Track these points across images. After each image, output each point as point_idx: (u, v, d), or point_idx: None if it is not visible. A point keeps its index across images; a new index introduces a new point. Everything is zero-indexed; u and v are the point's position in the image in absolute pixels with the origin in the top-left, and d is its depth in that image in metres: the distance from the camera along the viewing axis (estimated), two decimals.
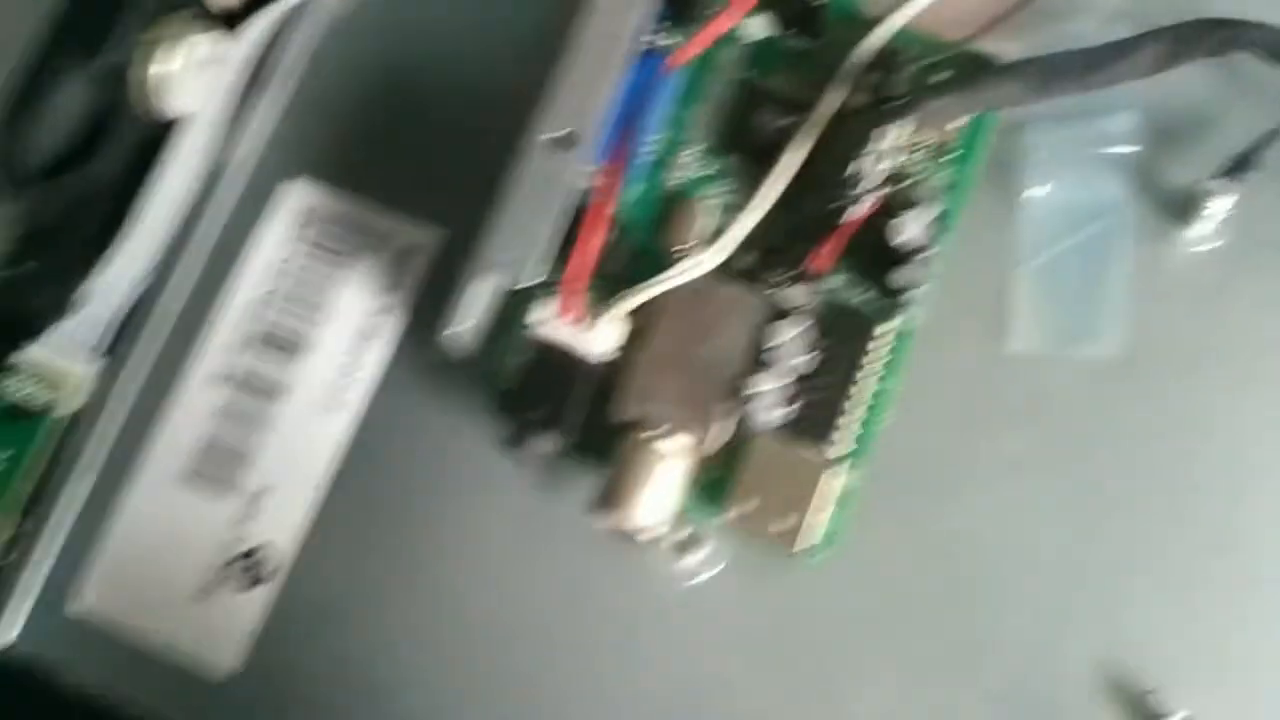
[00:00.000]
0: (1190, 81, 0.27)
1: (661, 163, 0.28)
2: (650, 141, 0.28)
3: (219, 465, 0.28)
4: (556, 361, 0.26)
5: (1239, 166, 0.27)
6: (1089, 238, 0.28)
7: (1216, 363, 0.27)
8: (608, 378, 0.26)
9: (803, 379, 0.26)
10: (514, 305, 0.27)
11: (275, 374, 0.29)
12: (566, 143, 0.26)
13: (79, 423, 0.29)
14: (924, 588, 0.26)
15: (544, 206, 0.25)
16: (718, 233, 0.26)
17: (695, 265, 0.26)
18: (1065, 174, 0.28)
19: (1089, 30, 0.28)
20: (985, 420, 0.27)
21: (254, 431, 0.28)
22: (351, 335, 0.29)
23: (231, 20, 0.30)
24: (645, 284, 0.26)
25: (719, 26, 0.28)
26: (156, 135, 0.30)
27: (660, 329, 0.26)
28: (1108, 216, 0.28)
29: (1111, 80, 0.26)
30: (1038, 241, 0.28)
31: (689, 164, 0.28)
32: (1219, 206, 0.27)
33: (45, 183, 0.28)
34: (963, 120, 0.28)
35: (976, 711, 0.26)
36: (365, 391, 0.28)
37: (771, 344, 0.26)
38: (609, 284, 0.27)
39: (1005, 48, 0.28)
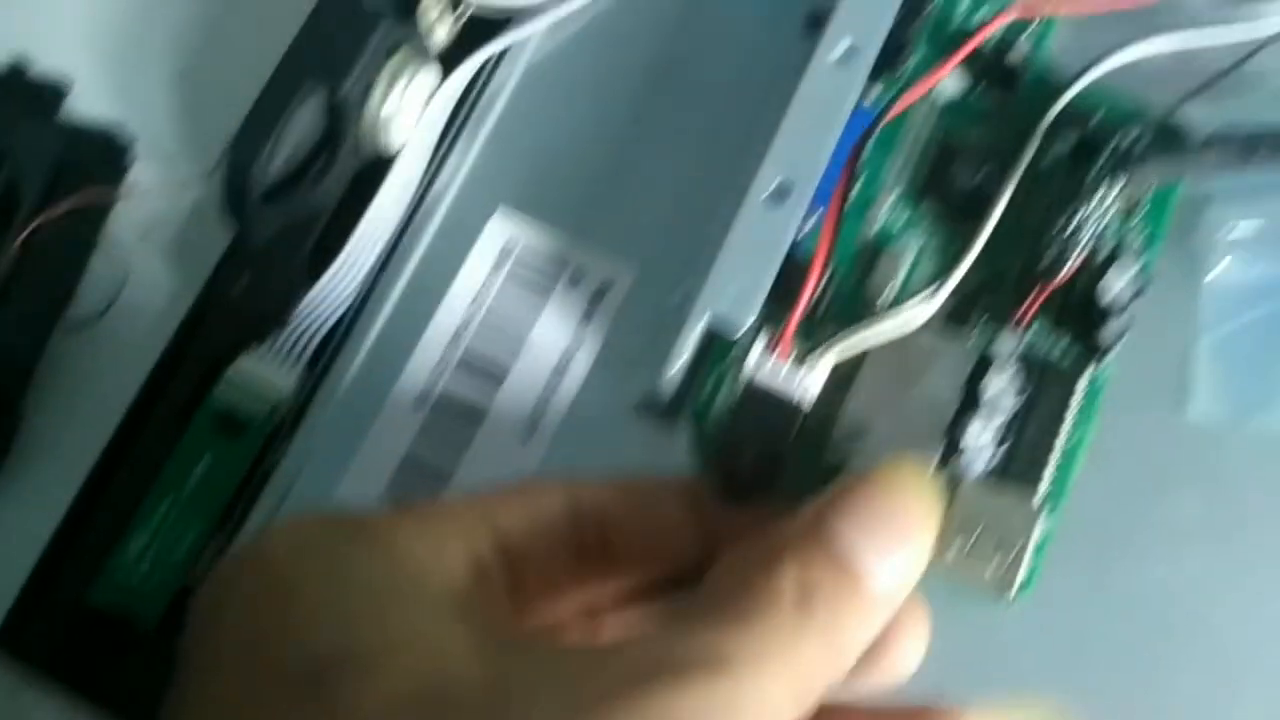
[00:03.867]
0: None
1: (863, 212, 0.29)
2: (857, 192, 0.29)
3: (418, 485, 0.29)
4: (766, 405, 0.27)
5: None
6: (1271, 313, 0.29)
7: None
8: (816, 421, 0.27)
9: (1008, 425, 0.27)
10: (720, 348, 0.28)
11: (474, 399, 0.30)
12: (784, 194, 0.27)
13: (282, 436, 0.30)
14: (1100, 641, 0.27)
15: (762, 257, 0.26)
16: (926, 283, 0.27)
17: (909, 317, 0.27)
18: (1248, 249, 0.29)
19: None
20: (1162, 484, 0.28)
21: (452, 454, 0.29)
22: (548, 367, 0.30)
23: (445, 59, 0.32)
24: (858, 329, 0.27)
25: (929, 82, 0.29)
26: (373, 164, 0.31)
27: (866, 374, 0.27)
28: None
29: None
30: (1221, 313, 0.29)
31: (888, 214, 0.29)
32: None
33: (269, 204, 0.29)
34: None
35: None
36: (558, 423, 0.29)
37: (982, 392, 0.27)
38: (811, 328, 0.28)
39: (1195, 113, 0.29)
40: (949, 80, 0.30)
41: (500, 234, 0.31)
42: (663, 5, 0.33)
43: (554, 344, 0.30)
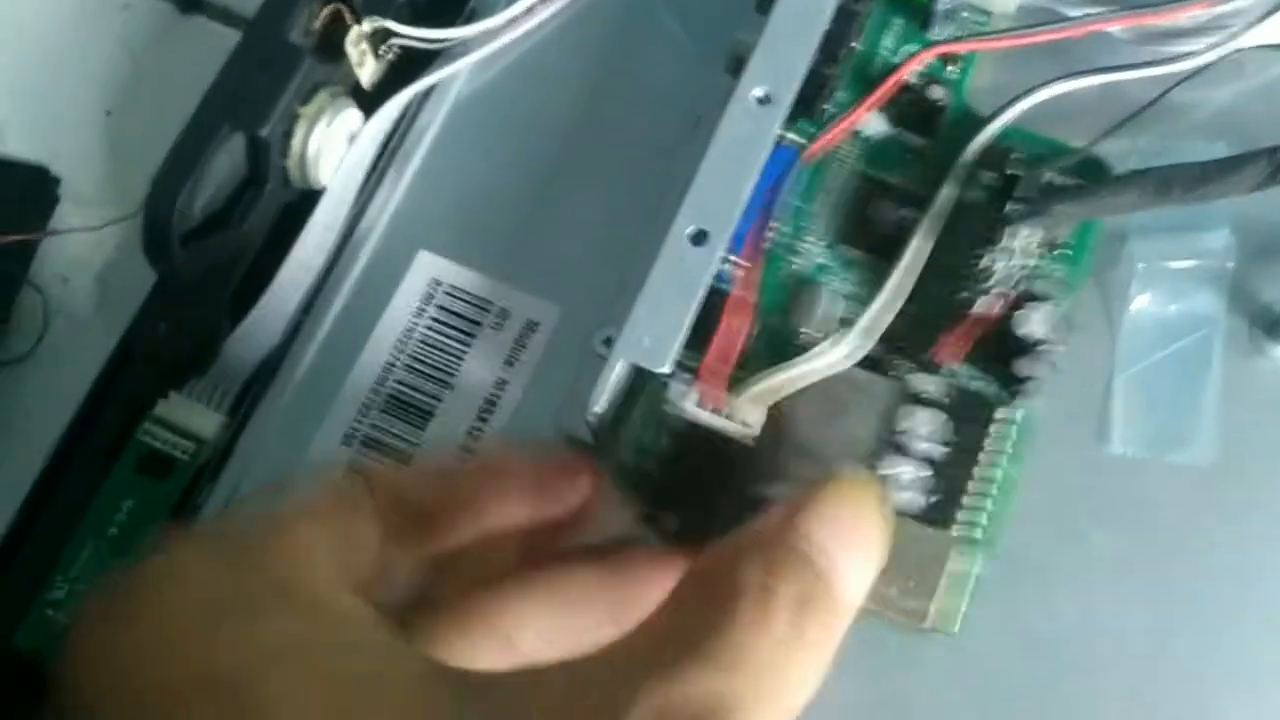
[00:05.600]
0: None
1: (787, 250, 0.30)
2: (778, 230, 0.29)
3: None
4: (694, 442, 0.27)
5: None
6: (1184, 349, 0.29)
7: None
8: (742, 458, 0.27)
9: (931, 463, 0.27)
10: (649, 387, 0.28)
11: (401, 439, 0.30)
12: (702, 236, 0.27)
13: (207, 477, 0.30)
14: (1021, 676, 0.27)
15: (683, 297, 0.27)
16: (849, 322, 0.28)
17: (829, 357, 0.27)
18: (1164, 285, 0.30)
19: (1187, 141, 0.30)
20: (1083, 518, 0.28)
21: None
22: (475, 405, 0.30)
23: (370, 97, 0.32)
24: (783, 369, 0.27)
25: (848, 123, 0.30)
26: (296, 203, 0.31)
27: (792, 412, 0.27)
28: (1203, 329, 0.29)
29: (1221, 193, 0.28)
30: (1136, 349, 0.29)
31: (812, 252, 0.29)
32: None
33: (191, 246, 0.29)
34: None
35: None
36: None
37: (902, 429, 0.27)
38: (739, 366, 0.28)
39: (1114, 148, 0.29)
40: (873, 121, 0.30)
41: (426, 273, 0.31)
42: (588, 44, 0.33)
43: (481, 382, 0.30)
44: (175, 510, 0.29)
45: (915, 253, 0.28)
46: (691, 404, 0.27)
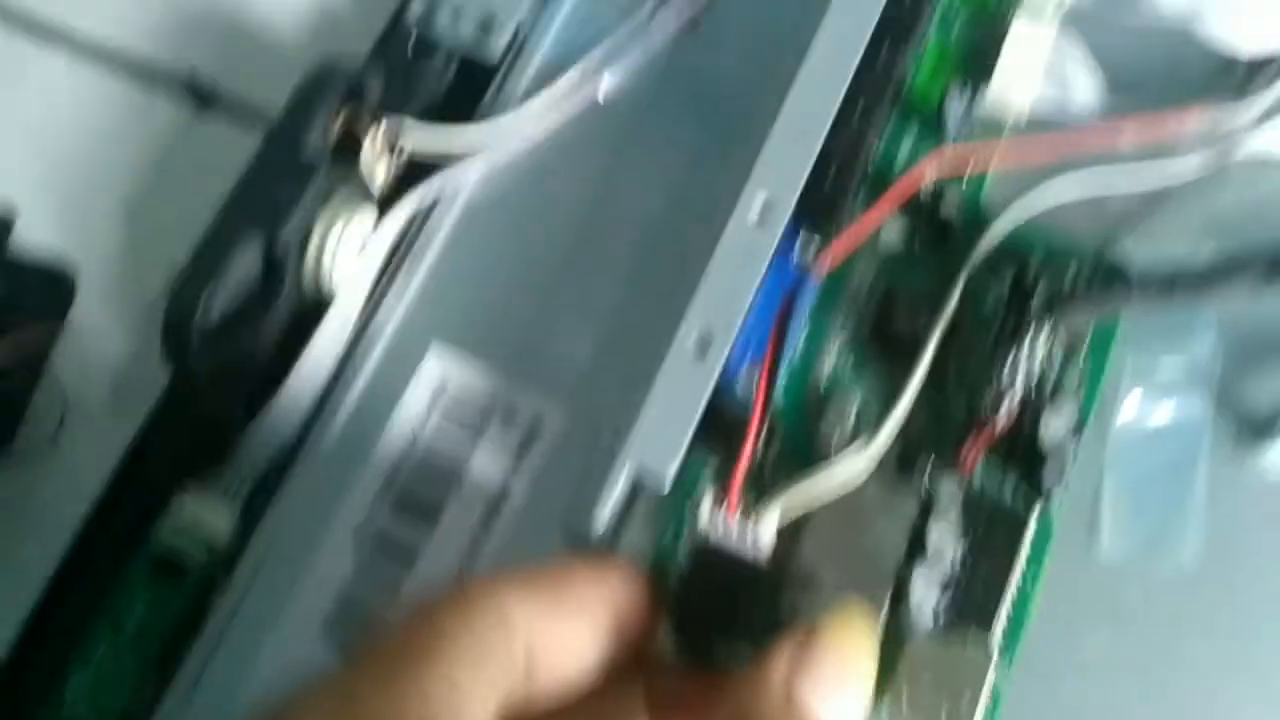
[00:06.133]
0: (1273, 306, 0.30)
1: (810, 360, 0.30)
2: (796, 341, 0.30)
3: (354, 623, 0.30)
4: (718, 560, 0.27)
5: None
6: (1171, 454, 0.30)
7: None
8: (767, 574, 0.27)
9: (956, 575, 0.27)
10: (671, 503, 0.28)
11: (409, 538, 0.30)
12: (704, 348, 0.28)
13: (220, 575, 0.30)
14: None
15: (684, 411, 0.27)
16: (867, 431, 0.28)
17: (848, 468, 0.27)
18: (1153, 389, 0.30)
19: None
20: (1073, 621, 0.29)
21: (388, 593, 0.30)
22: (482, 505, 0.31)
23: (385, 196, 0.33)
24: (800, 484, 0.27)
25: (862, 232, 0.30)
26: (312, 303, 0.32)
27: (814, 524, 0.27)
28: (1189, 435, 0.30)
29: (1223, 296, 0.29)
30: (1125, 453, 0.30)
31: (834, 362, 0.30)
32: None
33: (209, 347, 0.30)
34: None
35: None
36: (492, 563, 0.30)
37: (928, 539, 0.27)
38: (760, 479, 0.28)
39: (1129, 247, 0.30)
40: (889, 229, 0.31)
41: (435, 372, 0.32)
42: (595, 145, 0.34)
43: (488, 481, 0.31)
44: (188, 609, 0.30)
45: (926, 357, 0.29)
46: (713, 521, 0.27)
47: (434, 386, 0.32)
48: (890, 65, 0.32)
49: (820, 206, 0.30)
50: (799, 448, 0.29)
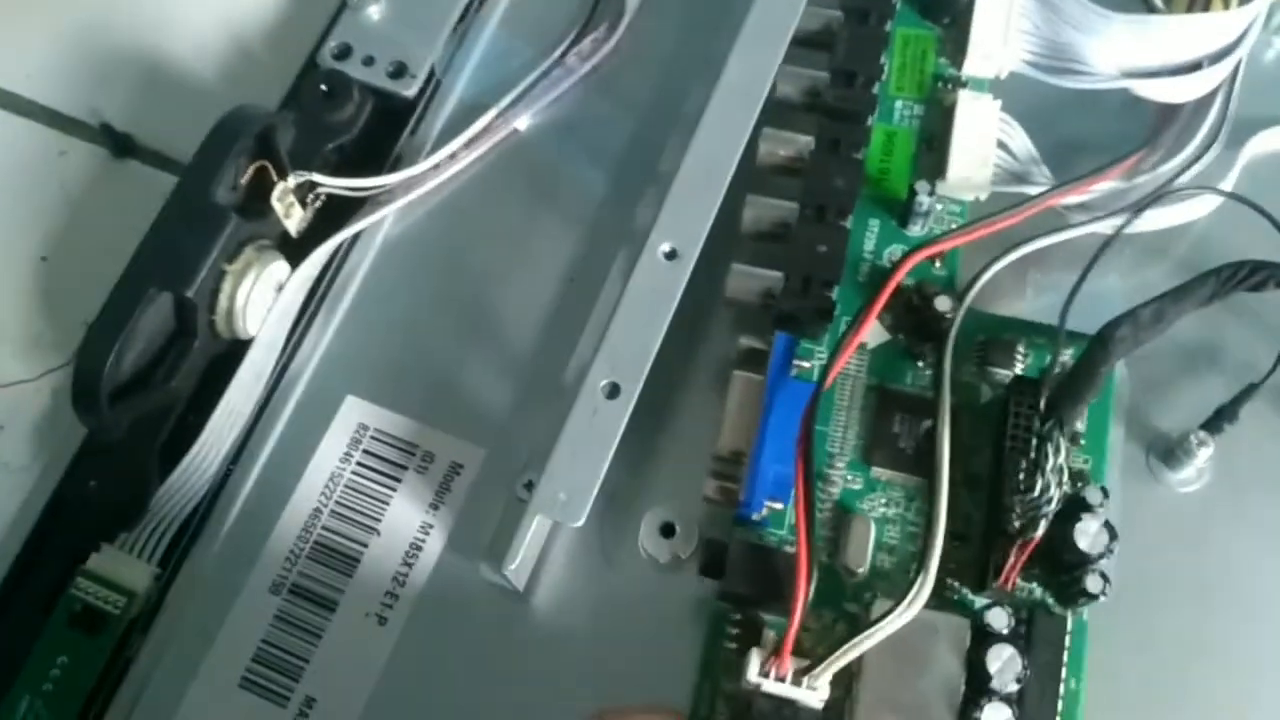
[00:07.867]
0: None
1: (820, 482, 0.29)
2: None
3: (273, 673, 0.30)
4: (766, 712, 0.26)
5: (1218, 419, 0.30)
6: None
7: (1199, 593, 0.29)
8: None
9: (1016, 694, 0.27)
10: (719, 660, 0.28)
11: (329, 584, 0.30)
12: (615, 391, 0.28)
13: (139, 628, 0.30)
14: None
15: (597, 451, 0.28)
16: (896, 541, 0.28)
17: (899, 622, 0.26)
18: None
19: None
20: None
21: (307, 641, 0.30)
22: (401, 549, 0.31)
23: (298, 245, 0.33)
24: (852, 646, 0.26)
25: (857, 339, 0.30)
26: (224, 353, 0.32)
27: (871, 665, 0.27)
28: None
29: (1177, 317, 0.29)
30: None
31: (843, 481, 0.30)
32: (1202, 455, 0.30)
33: (119, 403, 0.30)
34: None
35: None
36: (411, 606, 0.30)
37: (989, 669, 0.26)
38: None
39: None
40: (876, 334, 0.31)
41: (352, 417, 0.32)
42: (510, 188, 0.35)
43: (407, 526, 0.31)
44: (109, 662, 0.30)
45: (944, 480, 0.27)
46: (764, 677, 0.26)
47: (351, 433, 0.32)
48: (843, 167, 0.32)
49: (807, 314, 0.30)
50: (832, 578, 0.28)
